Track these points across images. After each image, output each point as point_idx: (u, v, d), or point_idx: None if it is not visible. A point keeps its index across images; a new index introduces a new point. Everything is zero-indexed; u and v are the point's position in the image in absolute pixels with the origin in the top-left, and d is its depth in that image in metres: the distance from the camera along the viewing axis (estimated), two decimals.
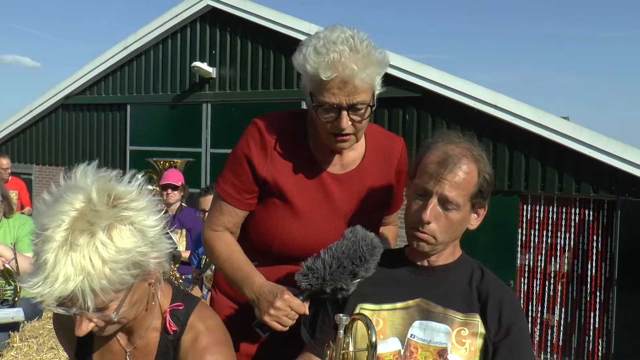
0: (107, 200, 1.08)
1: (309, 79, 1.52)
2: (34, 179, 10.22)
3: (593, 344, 5.82)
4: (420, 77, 6.43)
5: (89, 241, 1.02)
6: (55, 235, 1.01)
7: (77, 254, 1.01)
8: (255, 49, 7.82)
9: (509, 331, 1.36)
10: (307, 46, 1.50)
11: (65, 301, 1.03)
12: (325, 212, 1.67)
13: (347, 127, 1.51)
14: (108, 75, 9.29)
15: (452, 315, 1.39)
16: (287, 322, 1.45)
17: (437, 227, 1.39)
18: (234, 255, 1.64)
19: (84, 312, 1.06)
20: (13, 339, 3.28)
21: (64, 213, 1.04)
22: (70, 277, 1.00)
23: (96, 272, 1.01)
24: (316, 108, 1.51)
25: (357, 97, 1.47)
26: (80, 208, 1.05)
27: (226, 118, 8.08)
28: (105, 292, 1.04)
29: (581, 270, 5.89)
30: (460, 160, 1.38)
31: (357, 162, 1.71)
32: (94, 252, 1.02)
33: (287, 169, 1.64)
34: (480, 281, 1.45)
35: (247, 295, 1.56)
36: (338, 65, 1.43)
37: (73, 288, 1.00)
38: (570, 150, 5.74)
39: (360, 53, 1.45)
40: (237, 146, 1.68)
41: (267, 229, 1.69)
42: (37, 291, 1.01)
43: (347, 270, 1.41)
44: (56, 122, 10.05)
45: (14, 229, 3.58)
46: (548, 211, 6.03)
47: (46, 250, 1.01)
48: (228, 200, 1.67)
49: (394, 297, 1.45)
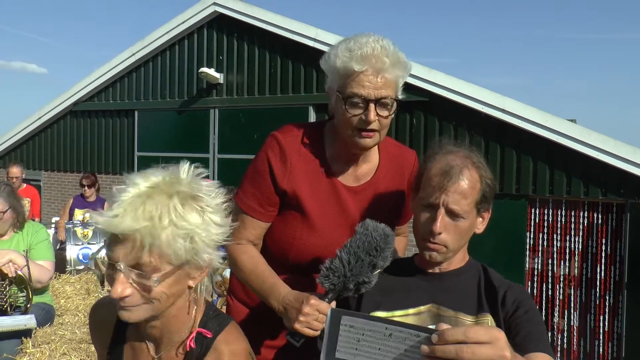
0: (191, 183, 1.21)
1: (338, 75, 1.57)
2: (43, 185, 10.27)
3: (603, 348, 5.80)
4: (427, 81, 6.44)
5: (164, 200, 1.14)
6: (141, 185, 1.16)
7: (152, 205, 1.12)
8: (263, 55, 7.85)
9: (516, 310, 1.39)
10: (338, 47, 1.57)
11: (118, 246, 1.13)
12: (340, 224, 1.70)
13: (374, 121, 1.55)
14: (116, 82, 9.34)
15: (463, 318, 1.41)
16: (318, 326, 1.46)
17: (448, 236, 1.43)
18: (259, 268, 1.66)
19: (128, 271, 1.13)
20: (26, 345, 3.31)
21: (154, 175, 1.19)
22: (138, 219, 1.10)
23: (161, 226, 1.11)
24: (344, 101, 1.55)
25: (384, 91, 1.53)
26: (168, 179, 1.19)
27: (234, 124, 8.11)
28: (158, 253, 1.13)
29: (590, 274, 5.87)
30: (462, 171, 1.42)
31: (370, 174, 1.75)
32: (166, 210, 1.13)
33: (305, 181, 1.67)
34: (487, 281, 1.48)
35: (274, 306, 1.57)
36: (371, 58, 1.50)
37: (138, 228, 1.10)
38: (578, 154, 5.73)
39: (391, 51, 1.53)
40: (257, 159, 1.72)
41: (284, 240, 1.72)
42: (105, 220, 1.11)
43: (365, 262, 1.44)
44: (64, 128, 10.11)
45: (27, 237, 3.60)
46: (556, 215, 6.01)
47: (128, 192, 1.14)
48: (251, 213, 1.70)
49: (406, 304, 1.47)
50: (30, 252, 3.51)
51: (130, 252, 1.12)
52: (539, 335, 1.35)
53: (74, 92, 9.73)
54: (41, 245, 3.60)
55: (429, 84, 6.45)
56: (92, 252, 6.28)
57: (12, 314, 3.32)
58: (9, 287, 3.32)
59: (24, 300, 3.39)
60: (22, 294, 3.40)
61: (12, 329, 3.18)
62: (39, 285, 3.49)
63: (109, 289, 1.47)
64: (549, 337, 1.45)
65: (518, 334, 1.35)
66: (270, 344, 1.76)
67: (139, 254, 1.12)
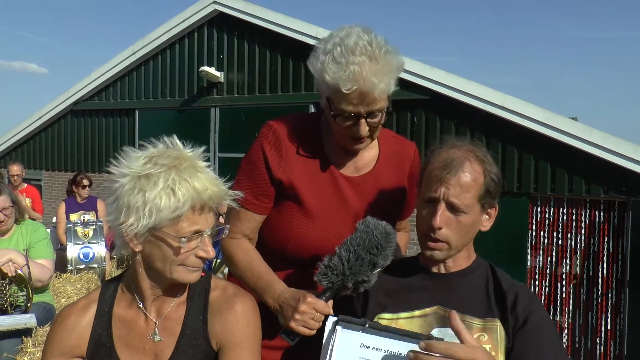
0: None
1: (326, 86, 1.52)
2: (44, 185, 10.27)
3: (605, 346, 5.78)
4: (428, 79, 6.42)
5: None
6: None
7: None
8: (263, 53, 7.83)
9: (526, 320, 1.35)
10: (325, 53, 1.49)
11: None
12: (339, 215, 1.66)
13: (365, 133, 1.53)
14: (116, 81, 9.33)
15: (470, 321, 1.37)
16: (314, 324, 1.43)
17: (450, 232, 1.39)
18: (254, 264, 1.63)
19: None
20: (26, 345, 3.30)
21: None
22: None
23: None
24: (335, 116, 1.52)
25: (375, 105, 1.49)
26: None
27: (234, 122, 8.10)
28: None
29: (592, 272, 5.85)
30: (463, 163, 1.38)
31: (370, 166, 1.71)
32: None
33: (302, 170, 1.64)
34: (495, 283, 1.44)
35: (269, 304, 1.54)
36: (359, 79, 1.43)
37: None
38: (579, 151, 5.71)
39: (380, 63, 1.45)
40: (251, 149, 1.68)
41: (281, 232, 1.68)
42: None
43: (365, 261, 1.40)
44: (65, 128, 10.11)
45: (27, 235, 3.59)
46: (558, 213, 5.99)
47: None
48: (245, 205, 1.65)
49: (411, 306, 1.44)
50: (30, 251, 3.50)
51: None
52: (550, 347, 1.33)
53: (74, 91, 9.72)
54: (41, 244, 3.59)
55: (430, 82, 6.43)
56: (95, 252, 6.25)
57: (13, 313, 3.31)
58: (9, 286, 3.31)
59: (24, 300, 3.38)
60: (22, 293, 3.39)
61: (12, 328, 3.17)
62: (39, 284, 3.48)
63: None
64: (561, 342, 1.43)
65: (529, 345, 1.32)
66: (269, 344, 1.72)
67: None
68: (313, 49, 1.56)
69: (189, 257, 1.29)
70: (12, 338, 3.26)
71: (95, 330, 1.38)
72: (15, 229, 3.60)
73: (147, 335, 1.37)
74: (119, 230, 1.28)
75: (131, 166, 1.29)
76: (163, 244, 1.28)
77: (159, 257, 1.29)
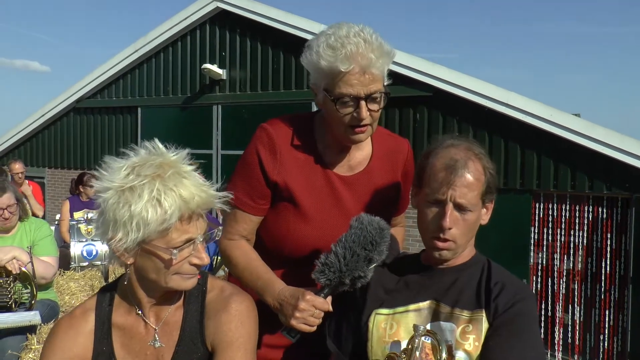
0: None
1: (323, 74, 1.54)
2: (47, 182, 10.30)
3: (608, 342, 5.78)
4: (431, 76, 6.41)
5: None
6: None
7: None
8: (265, 50, 7.84)
9: (505, 311, 1.36)
10: (318, 44, 1.52)
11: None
12: (335, 215, 1.68)
13: (366, 118, 1.54)
14: (119, 79, 9.35)
15: (459, 313, 1.40)
16: (314, 321, 1.46)
17: (457, 231, 1.43)
18: (252, 264, 1.65)
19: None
20: (31, 342, 3.31)
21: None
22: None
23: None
24: (335, 101, 1.53)
25: (373, 86, 1.51)
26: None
27: (237, 119, 8.11)
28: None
29: (595, 269, 5.85)
30: (466, 163, 1.41)
31: (364, 164, 1.73)
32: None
33: (297, 171, 1.65)
34: (487, 277, 1.47)
35: (269, 303, 1.56)
36: (357, 56, 1.47)
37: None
38: (582, 148, 5.70)
39: (374, 44, 1.49)
40: (246, 152, 1.69)
41: (278, 233, 1.70)
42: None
43: (361, 257, 1.44)
44: (68, 125, 10.13)
45: (30, 233, 3.61)
46: (561, 209, 5.99)
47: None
48: (242, 207, 1.67)
49: (407, 300, 1.47)
50: (34, 248, 3.52)
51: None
52: (508, 349, 1.31)
53: (77, 89, 9.74)
54: (45, 241, 3.61)
55: (432, 79, 6.42)
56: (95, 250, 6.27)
57: (17, 310, 3.33)
58: (13, 283, 3.32)
59: (29, 297, 3.40)
60: (27, 290, 3.40)
61: (17, 325, 3.19)
62: (43, 281, 3.49)
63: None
64: (539, 340, 1.42)
65: (491, 339, 1.33)
66: (270, 343, 1.73)
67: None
68: (304, 46, 1.59)
69: (183, 265, 1.29)
70: (17, 335, 3.27)
71: (97, 340, 1.37)
72: (19, 227, 3.61)
73: (148, 341, 1.37)
74: (109, 245, 1.27)
75: (113, 179, 1.24)
76: (154, 257, 1.27)
77: (152, 268, 1.29)
